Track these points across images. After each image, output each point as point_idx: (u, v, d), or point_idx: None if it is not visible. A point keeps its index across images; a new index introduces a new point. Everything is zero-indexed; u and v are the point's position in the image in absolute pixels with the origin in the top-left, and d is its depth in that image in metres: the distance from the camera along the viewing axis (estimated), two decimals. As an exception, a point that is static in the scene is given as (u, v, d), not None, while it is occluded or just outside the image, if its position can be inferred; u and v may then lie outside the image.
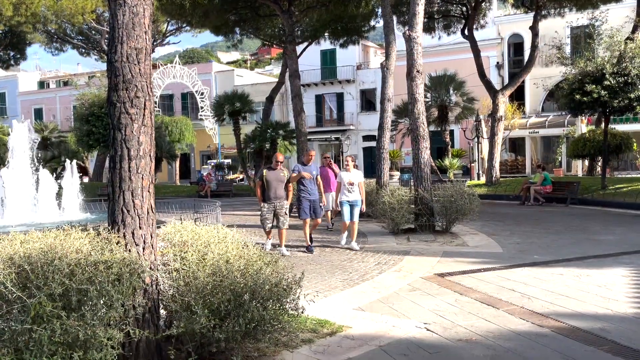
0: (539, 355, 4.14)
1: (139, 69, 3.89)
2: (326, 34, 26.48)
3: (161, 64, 34.22)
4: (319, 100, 39.45)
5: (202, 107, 34.17)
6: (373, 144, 29.35)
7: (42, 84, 55.05)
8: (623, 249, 8.57)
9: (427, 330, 4.84)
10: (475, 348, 4.32)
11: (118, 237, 3.75)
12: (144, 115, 3.91)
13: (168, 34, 34.93)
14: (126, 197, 3.84)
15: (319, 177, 9.32)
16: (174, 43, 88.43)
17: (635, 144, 22.63)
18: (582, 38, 25.77)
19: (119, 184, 3.84)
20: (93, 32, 33.77)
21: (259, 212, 8.92)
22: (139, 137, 3.88)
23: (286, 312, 4.12)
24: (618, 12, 23.09)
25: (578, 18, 23.15)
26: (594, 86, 15.43)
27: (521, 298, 5.81)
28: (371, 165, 33.53)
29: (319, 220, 9.42)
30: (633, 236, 9.91)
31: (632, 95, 15.30)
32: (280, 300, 4.05)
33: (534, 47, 21.07)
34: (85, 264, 3.30)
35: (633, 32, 19.69)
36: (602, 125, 18.54)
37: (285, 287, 4.11)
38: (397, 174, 24.98)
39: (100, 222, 4.07)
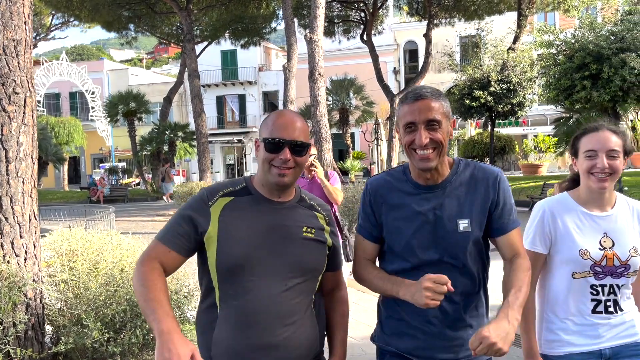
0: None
1: (18, 62, 3.53)
2: (226, 34, 26.15)
3: (46, 60, 31.75)
4: (220, 101, 38.76)
5: (93, 108, 32.16)
6: (275, 146, 29.32)
7: None
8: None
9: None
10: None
11: (-6, 247, 3.37)
12: (24, 113, 3.55)
13: (53, 28, 32.60)
14: (4, 203, 3.47)
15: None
16: (60, 38, 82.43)
17: (516, 146, 24.62)
18: (470, 47, 27.61)
19: (-6, 188, 3.46)
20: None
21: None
22: (18, 137, 3.51)
23: (187, 321, 3.94)
24: (502, 22, 24.93)
25: (466, 28, 24.71)
26: (481, 92, 16.55)
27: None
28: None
29: None
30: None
31: (514, 101, 16.62)
32: (181, 308, 3.87)
33: (427, 54, 22.18)
34: (-46, 280, 2.93)
35: (514, 42, 21.37)
36: (489, 128, 19.95)
37: (186, 294, 3.93)
38: (299, 175, 25.18)
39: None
